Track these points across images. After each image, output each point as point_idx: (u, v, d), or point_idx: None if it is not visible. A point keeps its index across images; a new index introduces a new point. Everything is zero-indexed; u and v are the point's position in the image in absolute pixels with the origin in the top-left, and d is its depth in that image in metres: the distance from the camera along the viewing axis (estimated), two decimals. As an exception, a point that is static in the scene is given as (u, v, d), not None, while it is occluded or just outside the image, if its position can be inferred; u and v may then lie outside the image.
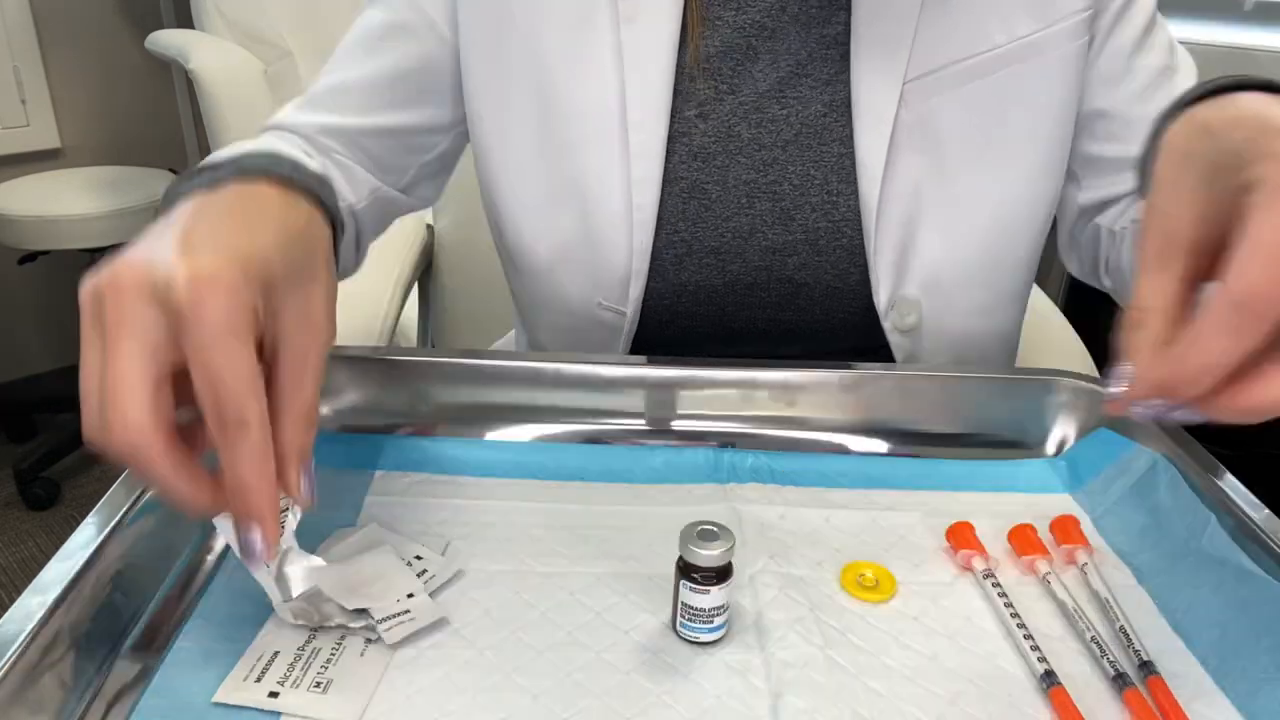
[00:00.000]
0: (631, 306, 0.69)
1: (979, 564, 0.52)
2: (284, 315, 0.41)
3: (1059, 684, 0.44)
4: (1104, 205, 0.72)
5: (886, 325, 0.69)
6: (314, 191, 0.49)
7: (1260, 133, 0.36)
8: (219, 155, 0.56)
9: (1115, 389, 0.38)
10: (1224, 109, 0.40)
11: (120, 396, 0.37)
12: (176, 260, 0.38)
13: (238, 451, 0.38)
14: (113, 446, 0.38)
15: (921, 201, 0.66)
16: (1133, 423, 0.60)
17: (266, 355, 0.41)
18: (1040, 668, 0.45)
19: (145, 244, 0.40)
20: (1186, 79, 0.69)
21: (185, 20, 1.96)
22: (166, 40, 1.81)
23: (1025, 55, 0.65)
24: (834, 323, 0.71)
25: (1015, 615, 0.48)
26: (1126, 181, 0.70)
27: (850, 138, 0.67)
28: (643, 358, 0.64)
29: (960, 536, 0.53)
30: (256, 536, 0.40)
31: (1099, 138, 0.70)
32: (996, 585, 0.50)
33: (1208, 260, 0.38)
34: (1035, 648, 0.46)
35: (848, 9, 0.66)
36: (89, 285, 0.39)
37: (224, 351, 0.37)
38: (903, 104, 0.65)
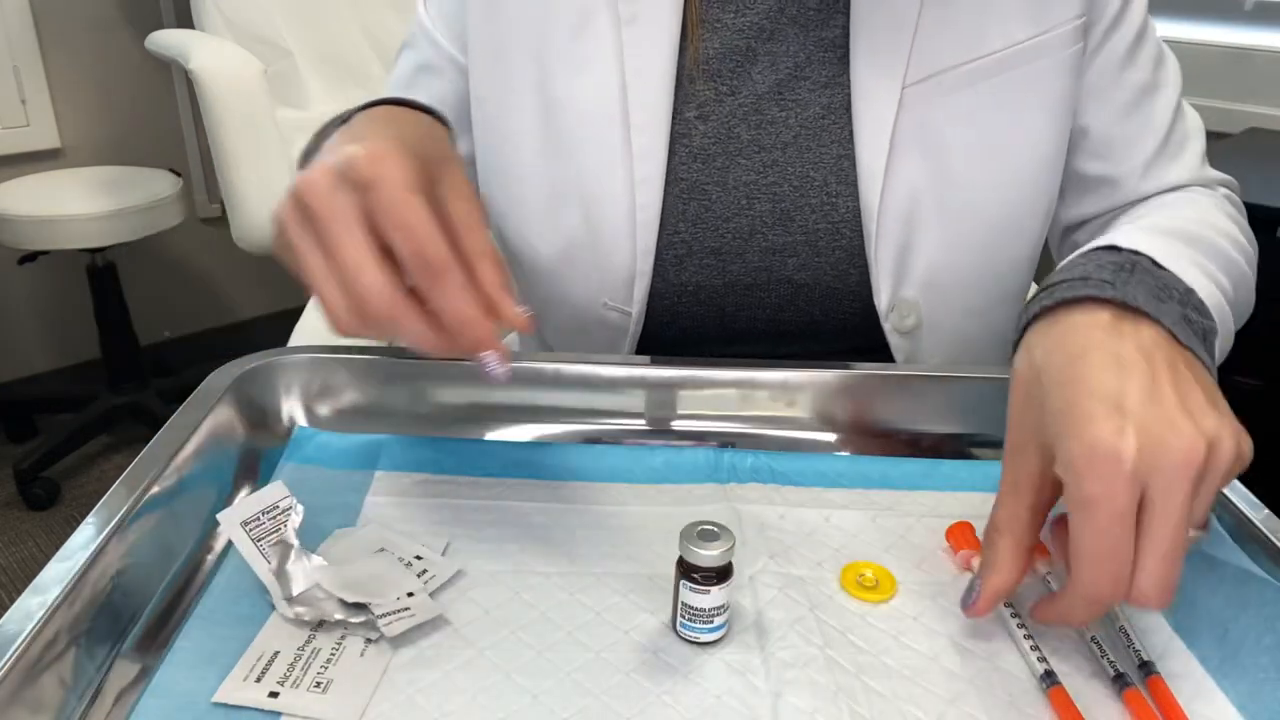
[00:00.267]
0: (636, 307, 0.69)
1: (979, 564, 0.52)
2: (440, 190, 0.46)
3: (1059, 684, 0.44)
4: (1081, 223, 0.74)
5: (886, 327, 0.69)
6: (426, 109, 0.56)
7: (1072, 404, 0.42)
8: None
9: (967, 601, 0.47)
10: (1058, 346, 0.45)
11: (360, 273, 0.42)
12: (350, 151, 0.44)
13: (447, 288, 0.43)
14: (370, 320, 0.42)
15: (921, 204, 0.67)
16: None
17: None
18: (1040, 668, 0.45)
19: (313, 164, 0.45)
20: (1168, 96, 0.70)
21: (185, 20, 1.95)
22: (166, 40, 1.81)
23: (1023, 60, 0.65)
24: (833, 323, 0.71)
25: (1015, 615, 0.48)
26: (1101, 200, 0.71)
27: (849, 140, 0.67)
28: (643, 358, 0.64)
29: (960, 536, 0.53)
30: (491, 359, 0.44)
31: (1080, 153, 0.71)
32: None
33: (1054, 487, 0.45)
34: (1035, 648, 0.46)
35: (846, 12, 0.66)
36: (285, 203, 0.44)
37: (409, 205, 0.42)
38: (903, 108, 0.65)
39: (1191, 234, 0.59)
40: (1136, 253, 0.50)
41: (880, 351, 0.71)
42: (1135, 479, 0.40)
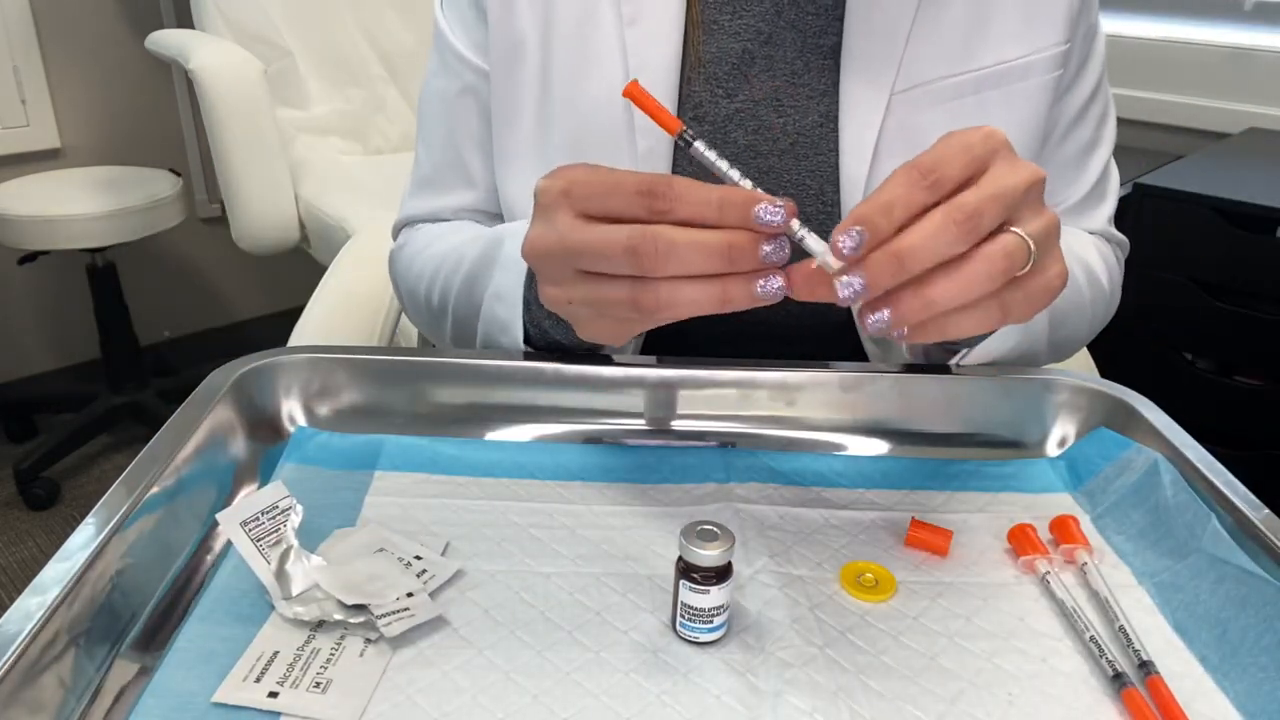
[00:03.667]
0: None
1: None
2: None
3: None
4: None
5: (862, 335, 0.69)
6: None
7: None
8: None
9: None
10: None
11: (604, 239, 0.45)
12: (536, 187, 0.49)
13: (682, 190, 0.44)
14: (645, 265, 0.44)
15: None
16: (1132, 423, 0.60)
17: None
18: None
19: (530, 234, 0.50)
20: (1102, 154, 0.74)
21: (185, 20, 1.96)
22: (166, 40, 1.81)
23: (1010, 79, 0.66)
24: (826, 330, 0.71)
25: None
26: None
27: None
28: (642, 358, 0.64)
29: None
30: (769, 208, 0.43)
31: None
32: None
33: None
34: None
35: (843, 20, 0.66)
36: (538, 284, 0.50)
37: (601, 173, 0.46)
38: (889, 114, 0.65)
39: None
40: None
41: (860, 357, 0.71)
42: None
